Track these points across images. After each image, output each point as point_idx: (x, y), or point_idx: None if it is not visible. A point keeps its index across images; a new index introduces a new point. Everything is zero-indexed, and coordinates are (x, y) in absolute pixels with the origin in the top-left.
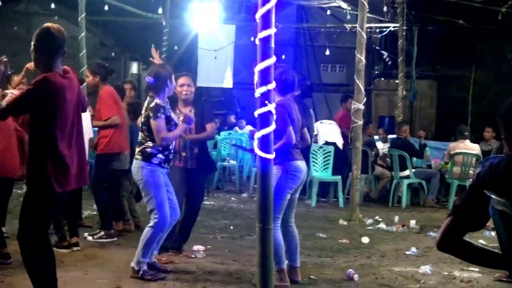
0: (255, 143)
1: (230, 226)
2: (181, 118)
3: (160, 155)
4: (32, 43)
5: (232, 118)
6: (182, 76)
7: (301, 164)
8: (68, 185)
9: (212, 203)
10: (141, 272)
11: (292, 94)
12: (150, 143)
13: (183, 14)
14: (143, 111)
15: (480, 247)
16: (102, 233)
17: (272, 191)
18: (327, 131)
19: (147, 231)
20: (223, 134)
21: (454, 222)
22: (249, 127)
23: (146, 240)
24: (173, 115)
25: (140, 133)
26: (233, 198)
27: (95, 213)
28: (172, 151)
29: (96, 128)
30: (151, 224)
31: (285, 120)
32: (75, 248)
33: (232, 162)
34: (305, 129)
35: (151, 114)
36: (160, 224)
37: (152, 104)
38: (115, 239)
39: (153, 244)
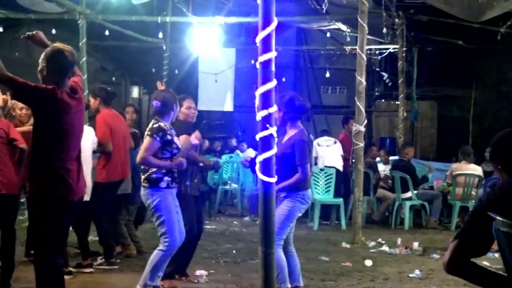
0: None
1: (233, 250)
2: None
3: (166, 178)
4: (43, 63)
5: (233, 142)
6: (187, 99)
7: (310, 192)
8: (68, 195)
9: (214, 227)
10: None
11: (302, 119)
12: (153, 168)
13: (183, 38)
14: (146, 133)
15: (486, 269)
16: (103, 260)
17: (274, 214)
18: (326, 154)
19: (156, 254)
20: (225, 157)
21: (460, 245)
22: (251, 151)
23: (155, 263)
24: (175, 139)
25: None
26: (235, 222)
27: (97, 238)
28: (175, 171)
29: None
30: (160, 247)
31: (306, 155)
32: (87, 270)
33: (234, 185)
34: None
35: (149, 133)
36: (170, 247)
37: (155, 125)
38: (116, 266)
39: (162, 267)
